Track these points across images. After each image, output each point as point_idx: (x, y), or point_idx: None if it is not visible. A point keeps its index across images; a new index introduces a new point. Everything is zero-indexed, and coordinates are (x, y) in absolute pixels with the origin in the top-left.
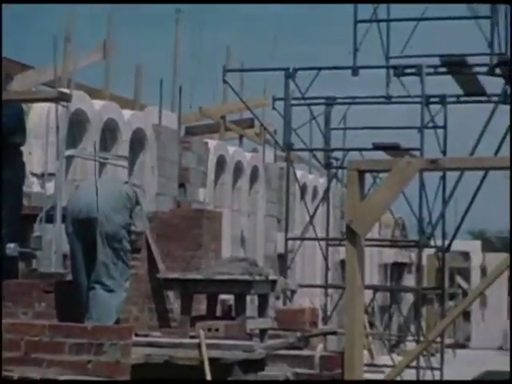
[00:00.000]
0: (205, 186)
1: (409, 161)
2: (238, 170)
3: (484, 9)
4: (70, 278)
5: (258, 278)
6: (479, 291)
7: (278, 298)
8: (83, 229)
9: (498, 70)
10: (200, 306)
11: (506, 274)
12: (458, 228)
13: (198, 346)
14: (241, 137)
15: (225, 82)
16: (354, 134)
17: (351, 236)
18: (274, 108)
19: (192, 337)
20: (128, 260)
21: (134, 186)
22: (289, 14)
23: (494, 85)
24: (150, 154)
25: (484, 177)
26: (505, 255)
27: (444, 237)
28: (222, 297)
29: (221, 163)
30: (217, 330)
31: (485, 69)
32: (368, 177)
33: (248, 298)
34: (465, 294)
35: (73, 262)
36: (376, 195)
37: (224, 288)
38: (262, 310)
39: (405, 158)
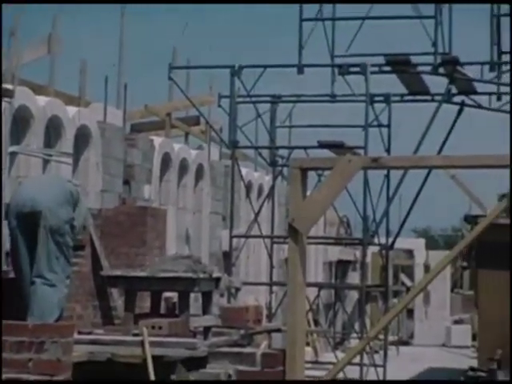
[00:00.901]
0: (150, 183)
1: (350, 159)
2: (184, 167)
3: (428, 8)
4: (12, 275)
5: (201, 275)
6: (421, 287)
7: (222, 295)
8: (27, 222)
9: (441, 70)
10: (144, 303)
11: (449, 271)
12: (401, 226)
13: (142, 343)
14: (186, 134)
15: (170, 79)
16: (300, 131)
17: (293, 234)
18: (219, 105)
19: (135, 334)
20: (70, 256)
21: (74, 185)
22: (236, 11)
23: (438, 84)
24: (94, 150)
25: (427, 175)
26: (447, 253)
27: (388, 235)
28: (166, 294)
29: (166, 160)
30: (160, 327)
31: (429, 68)
32: (313, 175)
33: (192, 295)
34: (408, 291)
35: (16, 257)
36: (318, 193)
37: (168, 285)
38: (205, 308)
39: (346, 156)
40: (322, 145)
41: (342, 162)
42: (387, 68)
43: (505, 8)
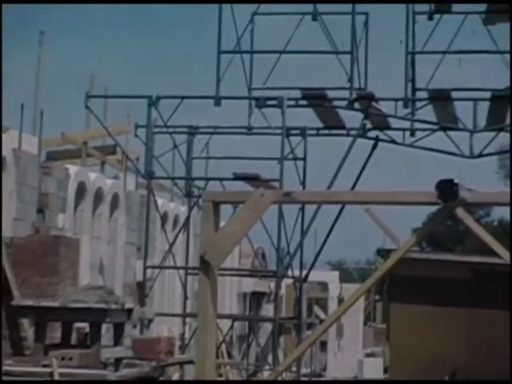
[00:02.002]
0: (64, 212)
1: (262, 193)
2: (99, 196)
3: (345, 44)
4: None
5: (113, 306)
6: (334, 320)
7: (134, 326)
8: None
9: (357, 105)
10: (55, 333)
11: (362, 304)
12: (315, 258)
13: (51, 374)
14: (103, 163)
15: (87, 107)
16: (217, 163)
17: (205, 267)
18: (136, 135)
19: (45, 365)
20: None
21: None
22: (157, 40)
23: (354, 119)
24: (8, 178)
25: (342, 208)
26: (360, 286)
27: (302, 267)
28: (78, 325)
29: (81, 189)
30: (70, 358)
31: (344, 103)
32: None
33: (104, 326)
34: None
35: None
36: (230, 227)
37: (79, 316)
38: (117, 339)
39: (258, 190)
40: (238, 177)
41: (255, 196)
42: (303, 102)
43: (419, 45)
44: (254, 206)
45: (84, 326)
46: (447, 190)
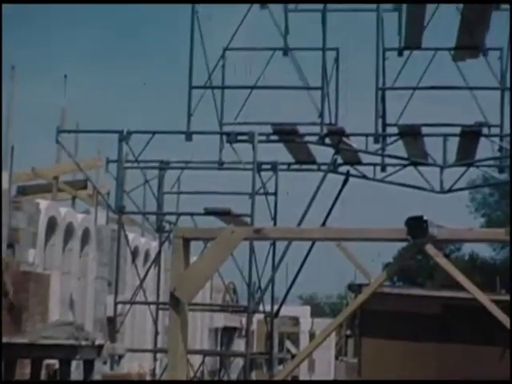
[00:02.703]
0: (35, 247)
1: (233, 230)
2: (70, 231)
3: (315, 80)
4: None
5: (83, 342)
6: (305, 355)
7: (104, 362)
8: None
9: (327, 140)
10: (24, 370)
11: (333, 338)
12: (287, 293)
13: None
14: (73, 198)
15: (58, 142)
16: (188, 197)
17: (175, 303)
18: (107, 170)
19: None
20: None
21: None
22: (127, 76)
23: (325, 154)
24: None
25: (313, 243)
26: (331, 320)
27: (273, 302)
28: (48, 361)
29: (52, 224)
30: None
31: (315, 138)
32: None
33: (74, 362)
34: (294, 358)
35: None
36: (200, 263)
37: (49, 353)
38: (87, 376)
39: (229, 227)
40: (209, 212)
41: (225, 233)
42: (275, 137)
43: (390, 80)
44: (225, 243)
45: (54, 362)
46: (417, 226)
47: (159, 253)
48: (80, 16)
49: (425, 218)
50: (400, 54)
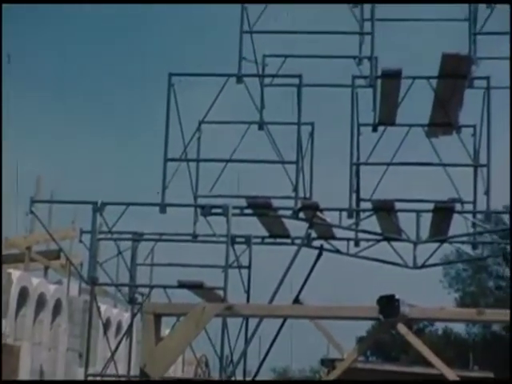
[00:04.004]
0: (5, 318)
1: (204, 306)
2: (41, 302)
3: (290, 155)
4: None
5: None
6: None
7: None
8: None
9: (301, 214)
10: None
11: None
12: (259, 367)
13: None
14: (46, 268)
15: (32, 212)
16: (161, 268)
17: (145, 378)
18: (80, 241)
19: None
20: None
21: None
22: (106, 146)
23: (298, 227)
24: None
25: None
26: None
27: (245, 375)
28: None
29: (23, 294)
30: None
31: (289, 212)
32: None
33: None
34: None
35: None
36: (171, 339)
37: None
38: None
39: (200, 303)
40: (182, 285)
41: (196, 310)
42: (249, 210)
43: (364, 155)
44: (196, 320)
45: None
46: (388, 305)
47: (131, 325)
48: (56, 85)
49: (396, 296)
50: (374, 129)
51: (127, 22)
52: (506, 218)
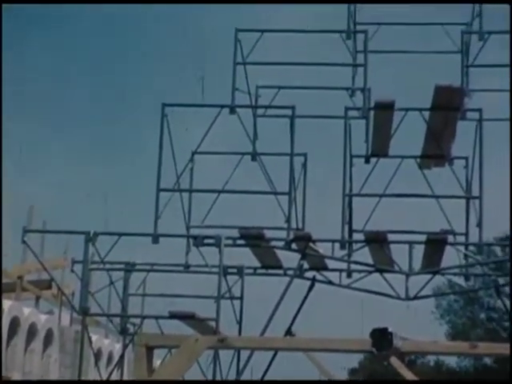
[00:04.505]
0: None
1: (197, 338)
2: (32, 332)
3: (283, 186)
4: None
5: None
6: None
7: None
8: None
9: (294, 245)
10: None
11: None
12: None
13: None
14: (37, 297)
15: (24, 242)
16: (153, 299)
17: None
18: (72, 270)
19: None
20: None
21: None
22: (98, 175)
23: (291, 258)
24: None
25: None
26: None
27: None
28: None
29: (14, 324)
30: None
31: (281, 243)
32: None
33: None
34: None
35: None
36: (163, 372)
37: None
38: None
39: (192, 336)
40: (173, 315)
41: (189, 342)
42: (241, 241)
43: (357, 186)
44: (188, 352)
45: None
46: (381, 338)
47: (122, 355)
48: (47, 112)
49: (389, 329)
50: (367, 161)
51: (119, 50)
52: (498, 249)
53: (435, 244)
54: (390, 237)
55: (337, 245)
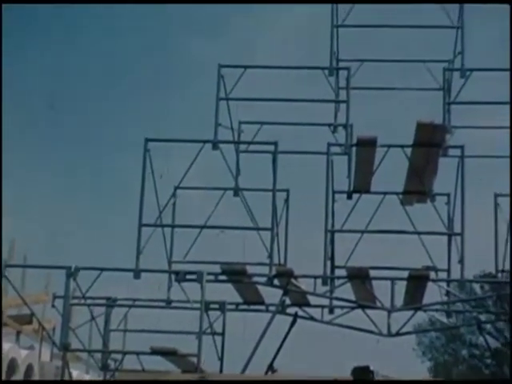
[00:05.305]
0: None
1: (177, 377)
2: (12, 367)
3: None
4: None
5: None
6: None
7: None
8: None
9: (276, 281)
10: None
11: None
12: None
13: None
14: (18, 333)
15: (4, 277)
16: (135, 335)
17: None
18: (53, 305)
19: None
20: None
21: None
22: (79, 209)
23: (273, 294)
24: None
25: None
26: None
27: None
28: None
29: None
30: None
31: (264, 279)
32: None
33: None
34: None
35: None
36: None
37: None
38: None
39: (173, 373)
40: (155, 351)
41: (170, 379)
42: (223, 277)
43: (339, 222)
44: None
45: None
46: (363, 377)
47: None
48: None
49: (371, 368)
50: (349, 197)
51: (103, 83)
52: (478, 287)
53: (417, 280)
54: (372, 273)
55: (319, 281)
